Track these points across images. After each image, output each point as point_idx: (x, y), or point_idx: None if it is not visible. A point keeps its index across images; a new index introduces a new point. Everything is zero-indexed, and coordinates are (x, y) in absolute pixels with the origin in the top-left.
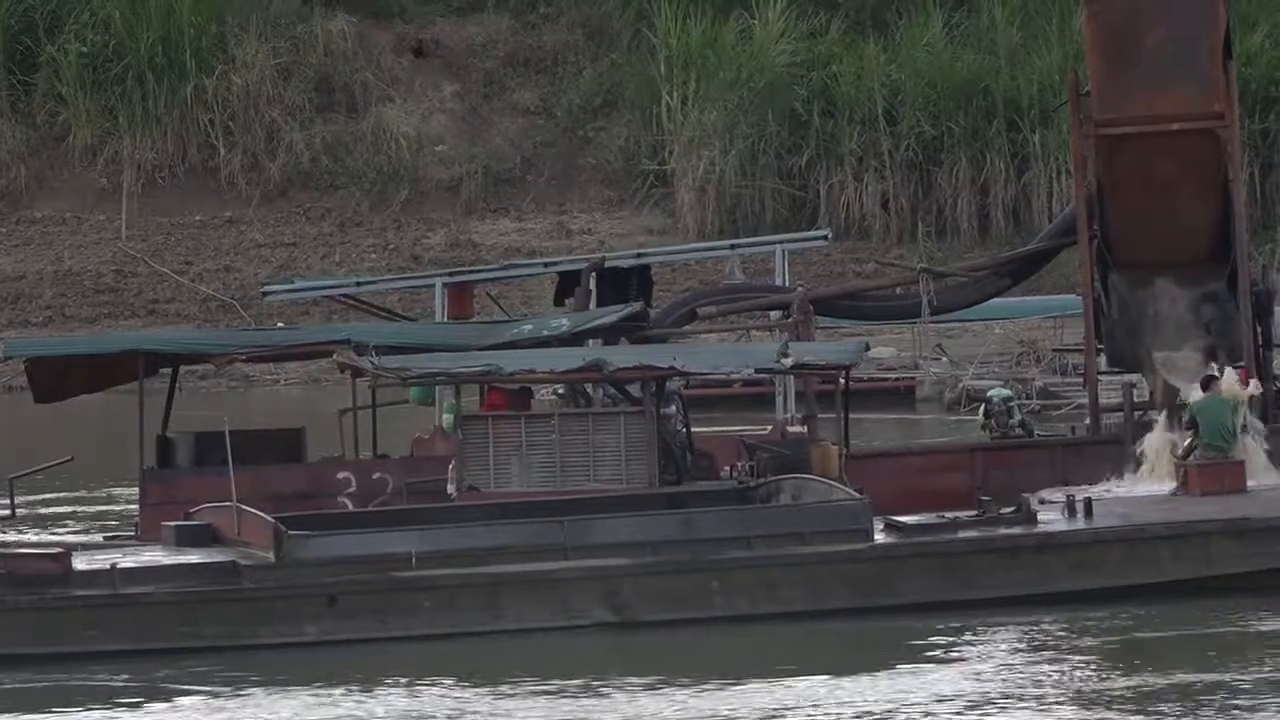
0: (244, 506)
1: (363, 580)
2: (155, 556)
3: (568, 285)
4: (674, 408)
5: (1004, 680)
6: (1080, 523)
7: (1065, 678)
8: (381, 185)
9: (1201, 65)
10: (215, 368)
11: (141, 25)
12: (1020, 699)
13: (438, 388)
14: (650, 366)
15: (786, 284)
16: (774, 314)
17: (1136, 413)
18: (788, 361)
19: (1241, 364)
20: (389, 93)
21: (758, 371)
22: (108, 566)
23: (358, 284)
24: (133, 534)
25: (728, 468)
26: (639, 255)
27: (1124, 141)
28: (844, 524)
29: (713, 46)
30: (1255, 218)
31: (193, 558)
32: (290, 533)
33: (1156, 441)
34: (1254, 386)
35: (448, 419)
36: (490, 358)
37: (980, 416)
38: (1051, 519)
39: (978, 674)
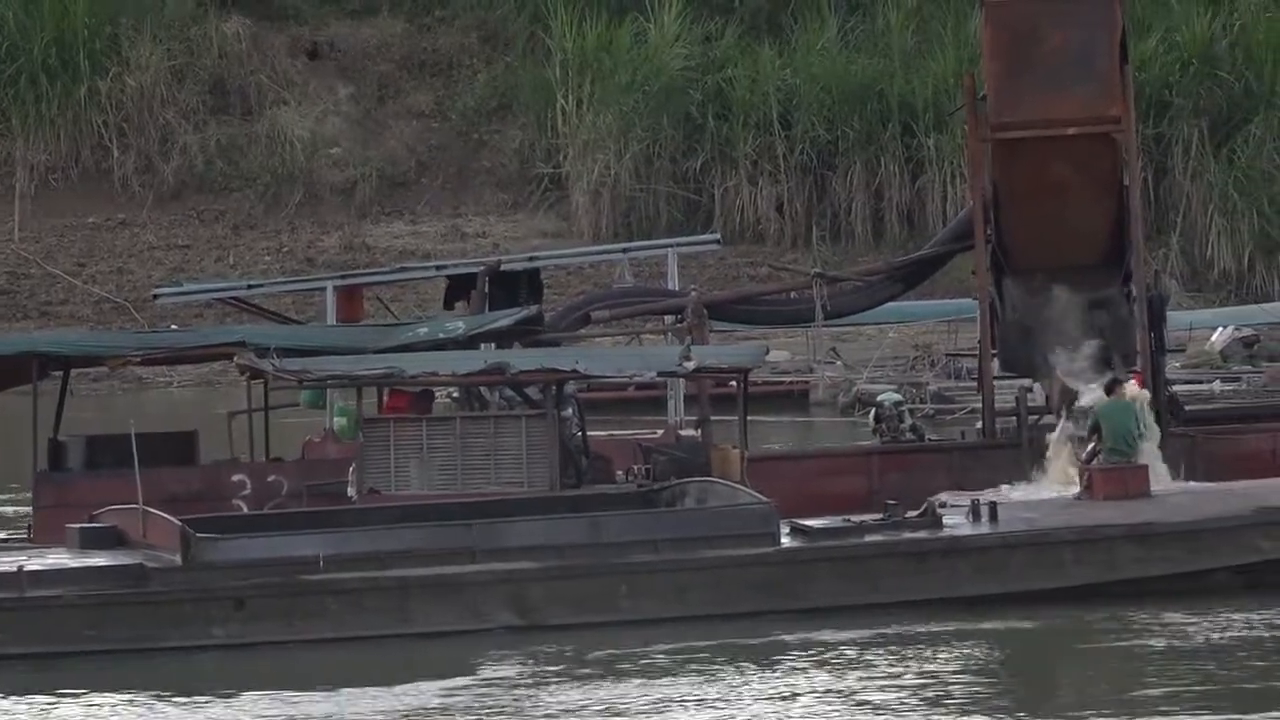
0: (150, 509)
1: (270, 583)
2: (62, 559)
3: (458, 288)
4: (571, 411)
5: (900, 682)
6: (985, 527)
7: (963, 679)
8: (276, 188)
9: (1098, 69)
10: (109, 370)
11: (35, 27)
12: (915, 701)
13: (329, 391)
14: (553, 369)
15: (677, 287)
16: (668, 318)
17: (1031, 417)
18: (690, 365)
19: (1136, 369)
20: (283, 95)
21: (660, 375)
22: (15, 569)
23: (249, 286)
24: (25, 537)
25: (622, 471)
26: (531, 259)
27: (1020, 145)
28: (751, 528)
29: (608, 50)
30: (1149, 222)
31: (99, 560)
32: (198, 535)
33: (1055, 445)
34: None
35: (339, 422)
36: (392, 360)
37: (871, 421)
38: (957, 523)
39: (874, 676)
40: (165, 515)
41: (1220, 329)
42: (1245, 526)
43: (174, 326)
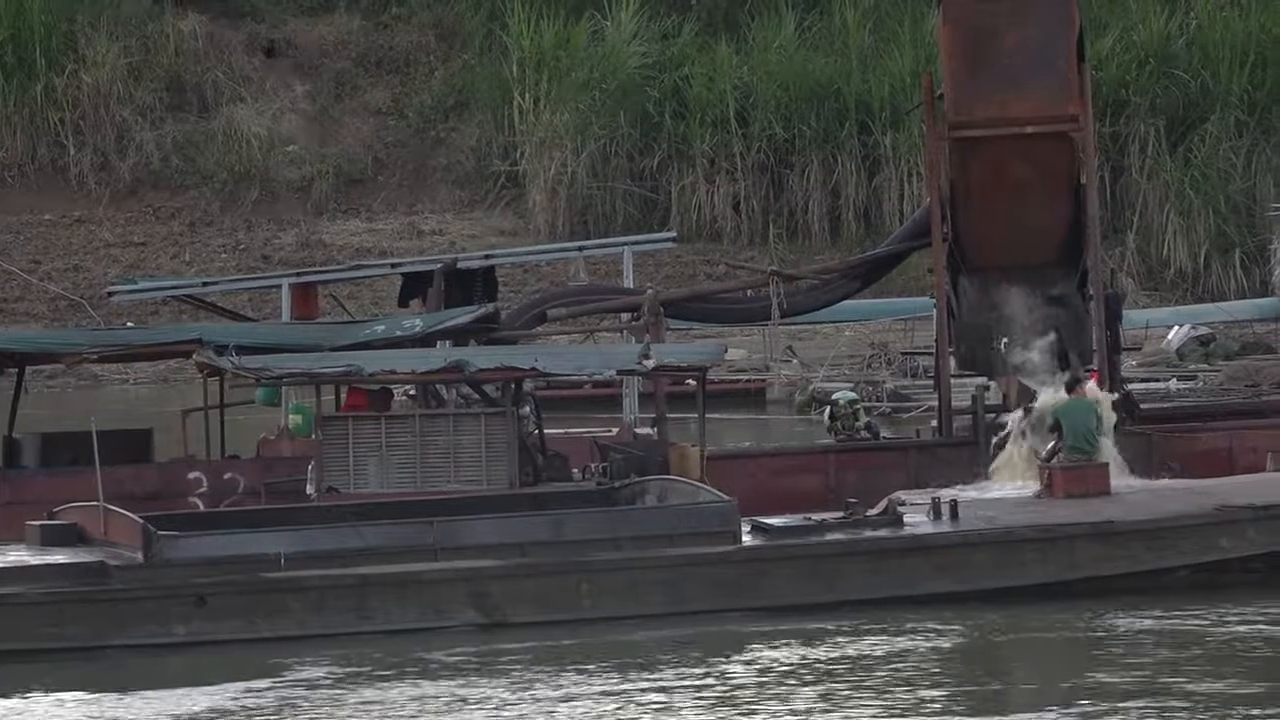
0: (111, 506)
1: (231, 581)
2: (22, 557)
3: (412, 286)
4: (528, 408)
5: (860, 681)
6: (946, 525)
7: (923, 678)
8: (232, 185)
9: (1056, 68)
10: (65, 367)
11: None
12: (876, 700)
13: (284, 389)
14: (512, 368)
15: (633, 285)
16: (624, 316)
17: (988, 415)
18: (650, 363)
19: (1093, 367)
20: (240, 92)
21: (619, 373)
22: None
23: (204, 284)
24: None
25: (579, 469)
26: (487, 256)
27: (978, 144)
28: (712, 526)
29: (565, 48)
30: (1105, 221)
31: (60, 558)
32: (159, 533)
33: (1013, 443)
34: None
35: (294, 420)
36: (351, 358)
37: (826, 419)
38: (918, 521)
39: (834, 674)
40: (126, 513)
41: (1176, 328)
42: (1205, 525)
43: (130, 324)
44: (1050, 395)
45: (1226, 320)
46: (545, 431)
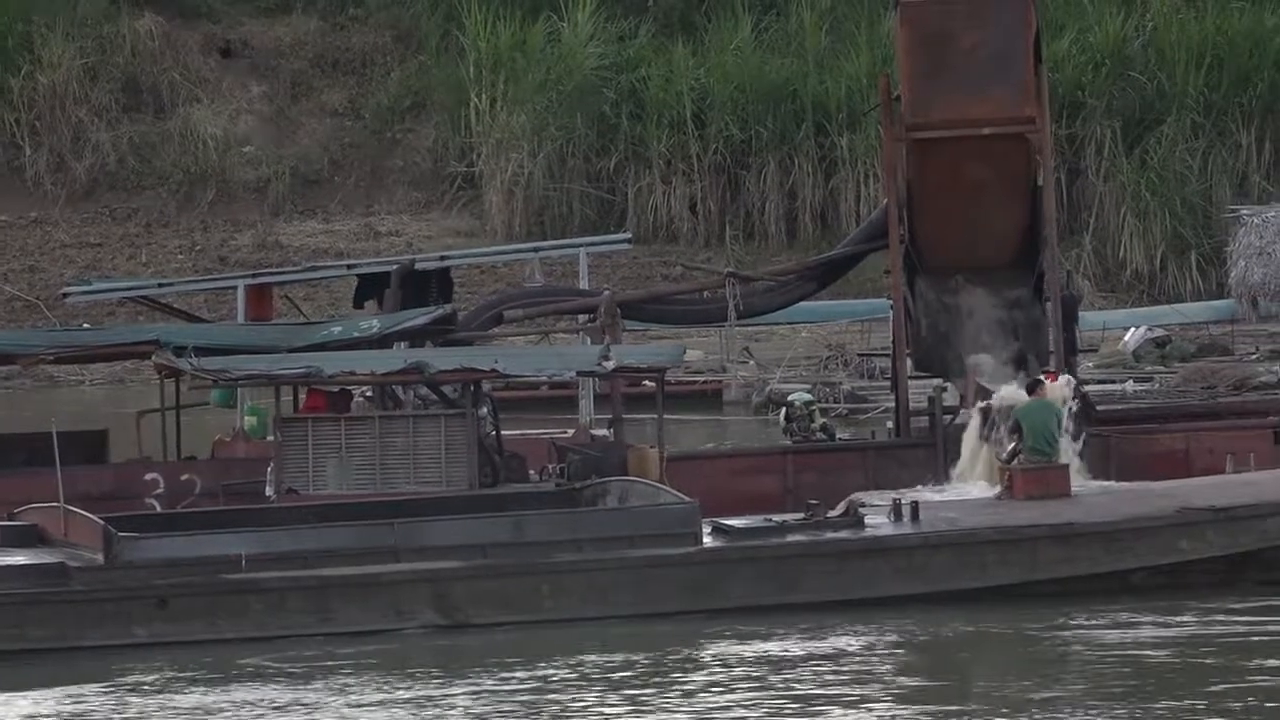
0: (71, 508)
1: (192, 582)
2: None
3: (368, 287)
4: (485, 410)
5: (819, 683)
6: (907, 527)
7: (884, 679)
8: (189, 186)
9: (1013, 70)
10: (21, 368)
11: None
12: (835, 702)
13: (239, 390)
14: (472, 369)
15: (589, 287)
16: (581, 317)
17: (946, 416)
18: (610, 365)
19: (1050, 369)
20: (196, 93)
21: (579, 374)
22: None
23: (159, 285)
24: None
25: (536, 471)
26: (443, 258)
27: (935, 145)
28: (673, 527)
29: (521, 49)
30: (1062, 223)
31: (20, 559)
32: (120, 534)
33: (971, 445)
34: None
35: (249, 421)
36: (310, 359)
37: (782, 420)
38: (878, 523)
39: (793, 676)
40: (87, 514)
41: (1132, 329)
42: (1166, 527)
43: (86, 325)
44: (1010, 390)
45: (1183, 322)
46: (501, 433)
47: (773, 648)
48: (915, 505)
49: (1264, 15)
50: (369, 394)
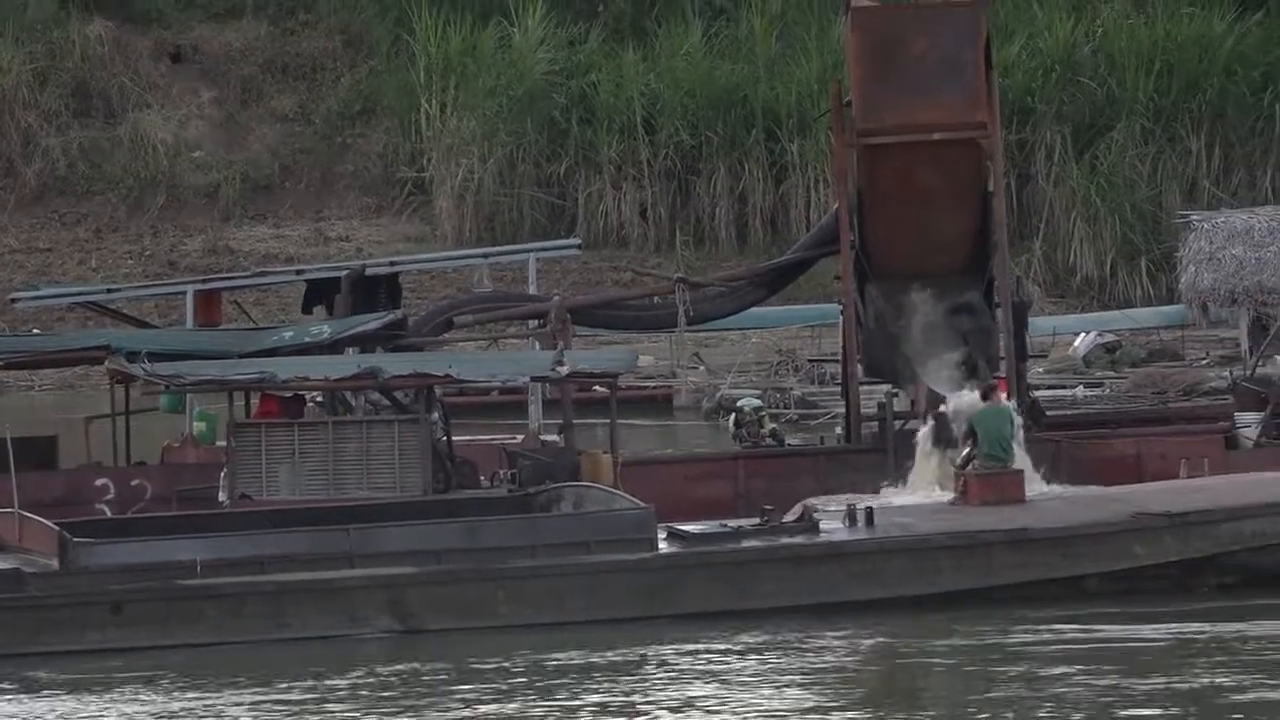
0: (26, 513)
1: (147, 588)
2: None
3: (316, 293)
4: (436, 415)
5: (773, 688)
6: (862, 532)
7: (839, 684)
8: (139, 191)
9: (964, 76)
10: None
11: None
12: (790, 706)
13: (188, 396)
14: (426, 374)
15: (538, 292)
16: (531, 322)
17: (897, 422)
18: (564, 370)
19: (1000, 374)
20: (147, 98)
21: (534, 379)
22: None
23: (108, 291)
24: None
25: (487, 476)
26: (392, 263)
27: (886, 151)
28: (628, 533)
29: (472, 54)
30: (1012, 229)
31: None
32: (75, 540)
33: (923, 450)
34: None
35: (199, 427)
36: (264, 365)
37: (731, 426)
38: (833, 528)
39: (749, 682)
40: (42, 520)
41: (1083, 335)
42: (1121, 532)
43: (36, 330)
44: (966, 396)
45: (1133, 327)
46: (452, 438)
47: (728, 653)
48: (870, 510)
49: (1213, 21)
50: (320, 399)
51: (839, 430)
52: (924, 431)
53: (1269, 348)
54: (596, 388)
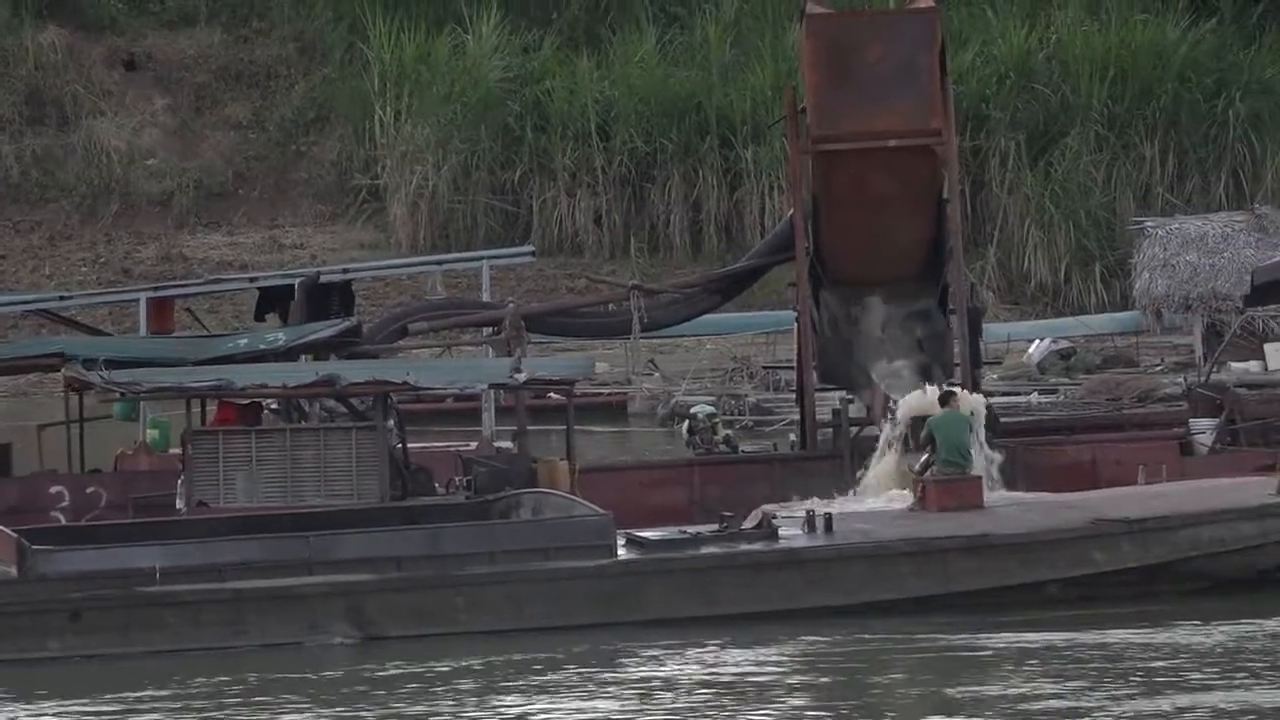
0: None
1: (106, 595)
2: None
3: (269, 300)
4: (392, 422)
5: (732, 694)
6: (821, 539)
7: (798, 690)
8: (92, 199)
9: (919, 82)
10: None
11: None
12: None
13: (142, 403)
14: (384, 382)
15: (491, 300)
16: (486, 330)
17: (852, 428)
18: (521, 377)
19: (956, 381)
20: (100, 106)
21: (491, 387)
22: None
23: (61, 298)
24: None
25: (442, 483)
26: (345, 270)
27: (841, 157)
28: (588, 539)
29: (426, 61)
30: (966, 235)
31: None
32: (34, 547)
33: (881, 456)
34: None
35: (152, 434)
36: (221, 372)
37: (684, 433)
38: (792, 535)
39: (708, 688)
40: (0, 527)
41: (1037, 341)
42: (1080, 539)
43: None
44: (917, 399)
45: (1087, 334)
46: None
47: (687, 659)
48: (829, 517)
49: (1167, 28)
50: (275, 406)
51: (792, 437)
52: (883, 438)
53: (1223, 354)
54: (551, 394)
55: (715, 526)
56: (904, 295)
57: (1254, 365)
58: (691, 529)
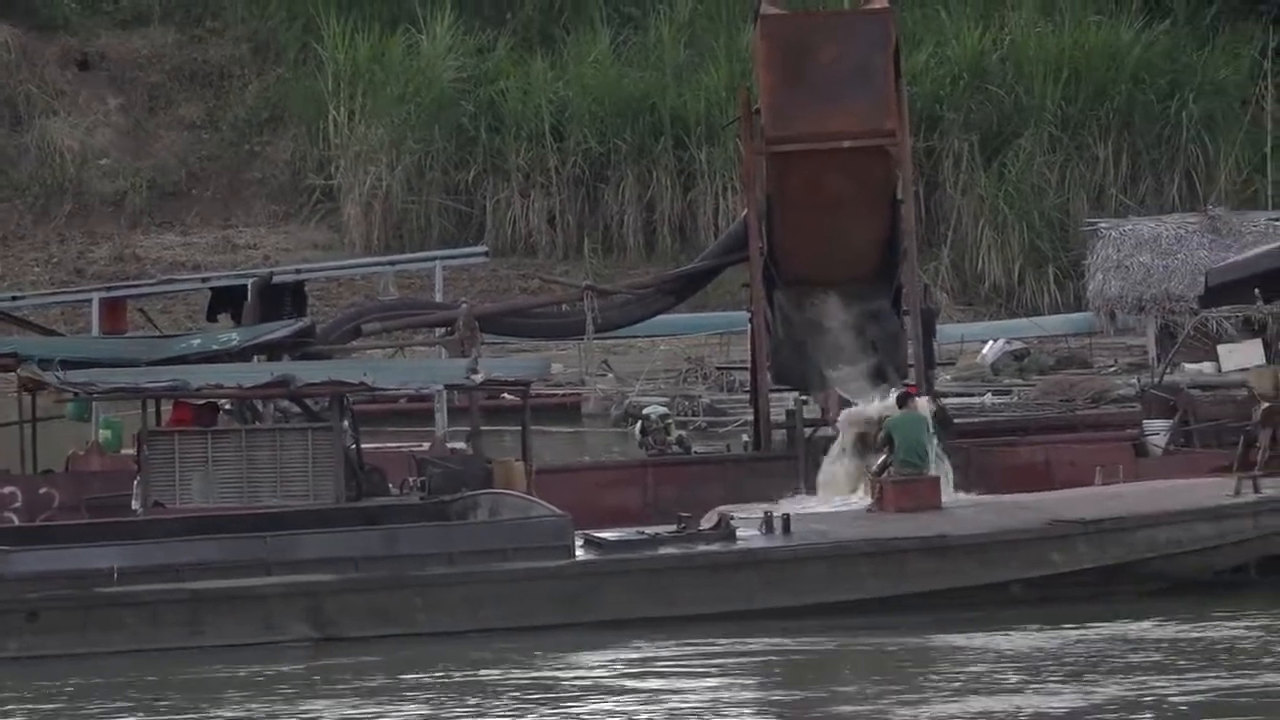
0: None
1: (64, 595)
2: None
3: (221, 301)
4: (346, 423)
5: (688, 695)
6: (779, 540)
7: (752, 693)
8: (45, 198)
9: (873, 83)
10: None
11: None
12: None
13: (94, 404)
14: (340, 382)
15: (445, 300)
16: (439, 330)
17: (807, 429)
18: (478, 377)
19: (910, 382)
20: (53, 105)
21: (448, 387)
22: None
23: (14, 299)
24: None
25: (396, 484)
26: (299, 271)
27: (795, 158)
28: (546, 540)
29: (380, 61)
30: (920, 236)
31: None
32: None
33: (836, 457)
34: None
35: (104, 435)
36: (176, 373)
37: (637, 434)
38: (750, 535)
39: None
40: None
41: (990, 342)
42: (1037, 539)
43: None
44: (877, 404)
45: (1041, 335)
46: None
47: (645, 660)
48: (787, 518)
49: (1120, 29)
50: (228, 407)
51: (745, 438)
52: (838, 439)
53: (1176, 355)
54: (505, 395)
55: (673, 527)
56: (858, 296)
57: (1207, 367)
58: (650, 530)
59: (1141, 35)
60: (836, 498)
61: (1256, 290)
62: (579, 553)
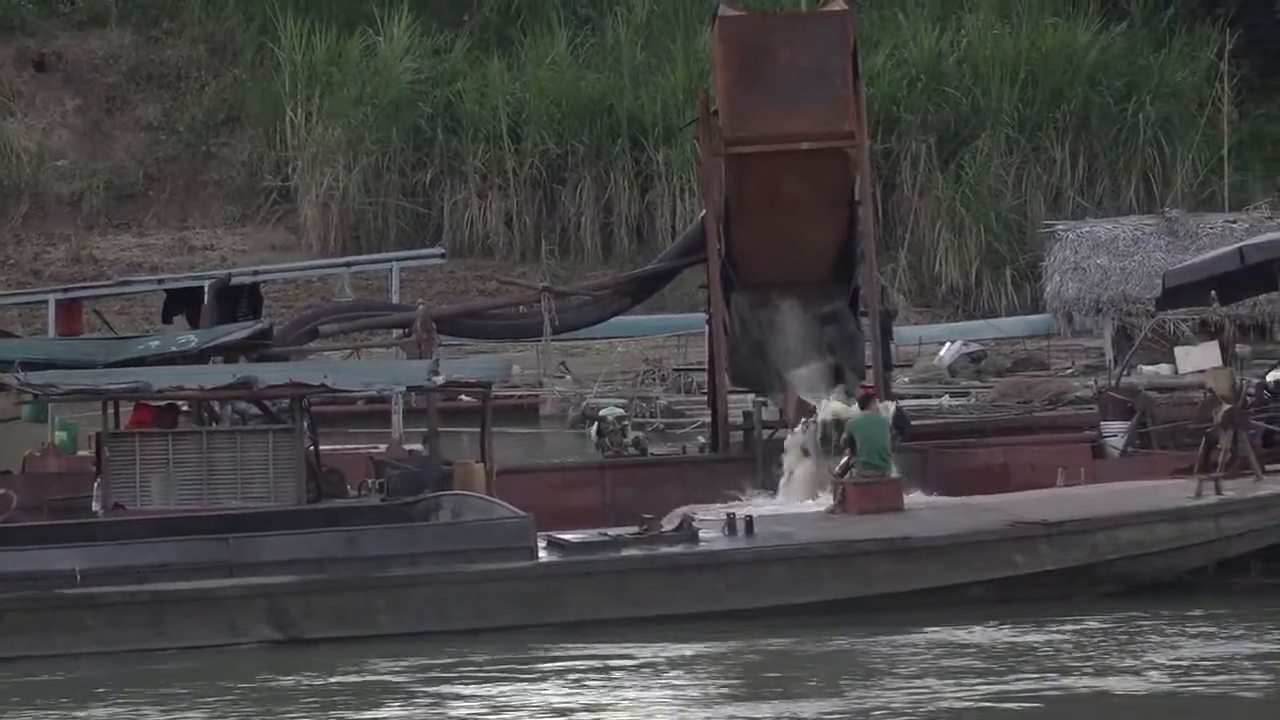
0: None
1: (27, 597)
2: None
3: (176, 302)
4: (305, 424)
5: (650, 696)
6: (742, 541)
7: (713, 695)
8: (1, 200)
9: (831, 85)
10: None
11: None
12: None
13: (50, 405)
14: (301, 384)
15: (401, 301)
16: (396, 331)
17: (765, 431)
18: (439, 379)
19: (868, 383)
20: (10, 106)
21: (409, 389)
22: None
23: None
24: None
25: (354, 486)
26: (255, 272)
27: (753, 160)
28: (508, 541)
29: (337, 62)
30: (878, 238)
31: None
32: None
33: (795, 458)
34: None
35: (60, 436)
36: (137, 374)
37: (593, 435)
38: (713, 537)
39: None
40: None
41: (948, 344)
42: (1000, 541)
43: None
44: (840, 406)
45: (998, 337)
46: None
47: (606, 662)
48: (749, 519)
49: (1077, 31)
50: (188, 408)
51: (701, 439)
52: (796, 440)
53: (1133, 357)
54: (463, 397)
55: (636, 529)
56: (816, 298)
57: (1164, 368)
58: (612, 531)
59: (1099, 37)
60: (797, 499)
61: (1213, 292)
62: (542, 554)
